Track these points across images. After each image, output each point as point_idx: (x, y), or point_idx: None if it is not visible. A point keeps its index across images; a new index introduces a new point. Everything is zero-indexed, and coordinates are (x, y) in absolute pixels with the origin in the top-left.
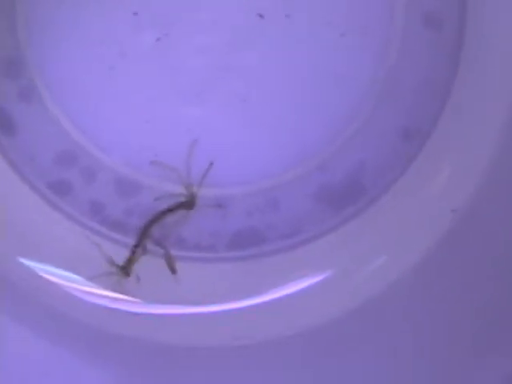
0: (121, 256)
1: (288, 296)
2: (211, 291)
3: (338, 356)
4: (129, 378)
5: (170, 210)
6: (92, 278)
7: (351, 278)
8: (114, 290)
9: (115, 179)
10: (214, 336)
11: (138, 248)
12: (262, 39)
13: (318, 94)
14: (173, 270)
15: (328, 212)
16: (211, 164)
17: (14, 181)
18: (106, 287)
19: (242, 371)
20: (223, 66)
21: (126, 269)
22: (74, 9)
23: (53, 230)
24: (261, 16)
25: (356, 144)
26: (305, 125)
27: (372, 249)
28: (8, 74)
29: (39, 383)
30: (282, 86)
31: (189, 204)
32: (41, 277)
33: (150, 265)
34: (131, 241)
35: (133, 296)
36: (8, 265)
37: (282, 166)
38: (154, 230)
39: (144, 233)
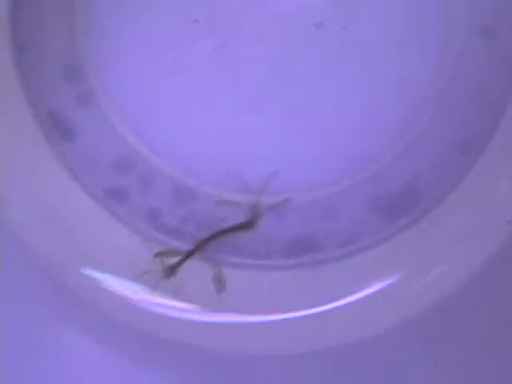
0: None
1: (345, 304)
2: (267, 299)
3: (397, 364)
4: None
5: (232, 230)
6: (137, 277)
7: (407, 287)
8: (171, 298)
9: (172, 186)
10: (269, 344)
11: (190, 256)
12: (320, 49)
13: (375, 105)
14: (220, 288)
15: (383, 221)
16: (275, 172)
17: (71, 187)
18: (164, 295)
19: (298, 380)
20: (281, 74)
21: (173, 269)
22: (134, 15)
23: (110, 237)
24: (318, 26)
25: (412, 154)
26: (362, 134)
27: (428, 258)
28: (67, 79)
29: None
30: (339, 96)
31: (251, 224)
32: (100, 286)
33: (205, 272)
34: (187, 247)
35: (190, 303)
36: (67, 273)
37: (338, 175)
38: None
39: (200, 247)
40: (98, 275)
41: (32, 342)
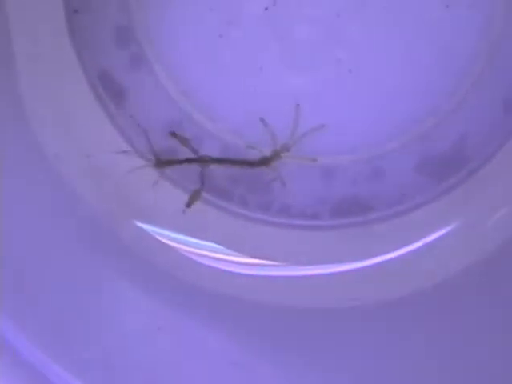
0: (225, 223)
1: (394, 259)
2: (317, 256)
3: (450, 316)
4: (238, 337)
5: (246, 163)
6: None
7: (454, 243)
8: (226, 253)
9: (221, 147)
10: (321, 298)
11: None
12: (368, 10)
13: (422, 66)
14: (188, 204)
15: (430, 182)
16: (322, 126)
17: (123, 148)
18: (217, 250)
19: (350, 333)
20: (330, 36)
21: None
22: None
23: (163, 196)
24: None
25: (458, 116)
26: (409, 96)
27: (475, 217)
28: (118, 42)
29: (153, 337)
30: (387, 57)
31: (267, 161)
32: (155, 239)
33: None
34: (237, 209)
35: (241, 257)
36: (124, 228)
37: (386, 136)
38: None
39: (205, 161)
40: (154, 229)
41: (85, 293)
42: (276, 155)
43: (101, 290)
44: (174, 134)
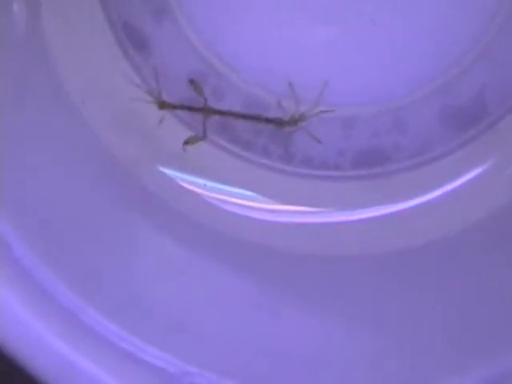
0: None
1: (416, 207)
2: (338, 204)
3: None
4: (262, 282)
5: (266, 121)
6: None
7: (473, 192)
8: (249, 199)
9: (243, 99)
10: (342, 245)
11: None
12: None
13: (443, 17)
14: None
15: (451, 133)
16: (326, 82)
17: (146, 98)
18: (242, 197)
19: (371, 280)
20: None
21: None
22: None
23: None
24: None
25: (479, 66)
26: (430, 47)
27: (495, 166)
28: None
29: (175, 280)
30: (409, 8)
31: (287, 123)
32: (179, 185)
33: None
34: (259, 159)
35: (264, 203)
36: (148, 174)
37: (407, 87)
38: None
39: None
40: (178, 175)
41: (109, 236)
42: (301, 118)
43: (124, 234)
44: (192, 81)
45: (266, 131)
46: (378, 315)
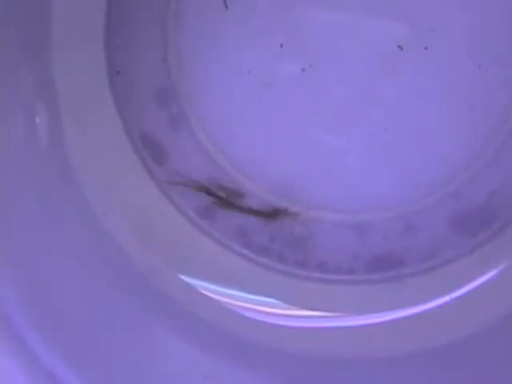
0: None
1: (428, 312)
2: (351, 308)
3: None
4: None
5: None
6: None
7: (487, 297)
8: (265, 305)
9: (258, 205)
10: (356, 348)
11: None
12: (402, 70)
13: (453, 124)
14: None
15: (463, 237)
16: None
17: (165, 205)
18: (259, 302)
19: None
20: (364, 96)
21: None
22: (224, 41)
23: (203, 251)
24: (401, 48)
25: (489, 171)
26: (441, 153)
27: (506, 271)
28: (159, 102)
29: None
30: (419, 116)
31: (266, 214)
32: (199, 293)
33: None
34: (276, 265)
35: (283, 310)
36: (169, 282)
37: (418, 193)
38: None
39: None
40: (193, 281)
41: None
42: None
43: (148, 342)
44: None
45: (281, 235)
46: None
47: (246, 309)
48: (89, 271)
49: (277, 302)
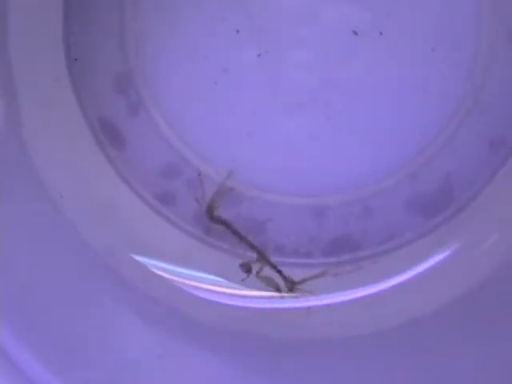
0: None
1: (385, 292)
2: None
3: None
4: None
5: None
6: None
7: (441, 277)
8: (220, 285)
9: (215, 188)
10: (312, 329)
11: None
12: (357, 55)
13: (408, 107)
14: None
15: (419, 220)
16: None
17: (121, 189)
18: (213, 283)
19: (343, 361)
20: (320, 80)
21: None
22: (180, 27)
23: (160, 235)
24: (355, 33)
25: (445, 154)
26: (396, 137)
27: (461, 250)
28: (117, 88)
29: (153, 365)
30: (374, 100)
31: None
32: (153, 273)
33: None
34: (233, 248)
35: (238, 290)
36: (121, 260)
37: (375, 176)
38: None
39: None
40: (147, 261)
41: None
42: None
43: (102, 320)
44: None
45: (239, 221)
46: None
47: (201, 289)
48: (44, 252)
49: (232, 283)
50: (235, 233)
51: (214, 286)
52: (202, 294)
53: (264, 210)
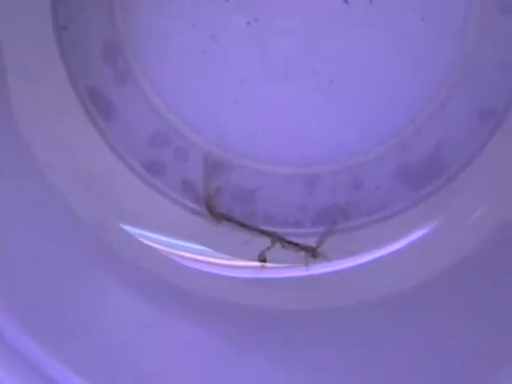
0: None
1: (373, 262)
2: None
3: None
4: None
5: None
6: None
7: (431, 247)
8: (209, 255)
9: (205, 158)
10: (305, 299)
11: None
12: (347, 23)
13: (398, 76)
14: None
15: (408, 190)
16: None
17: (110, 159)
18: (202, 252)
19: (335, 333)
20: (309, 48)
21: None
22: None
23: (148, 205)
24: (346, 1)
25: (435, 124)
26: (386, 106)
27: (451, 220)
28: (105, 57)
29: (141, 334)
30: (364, 69)
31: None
32: (141, 242)
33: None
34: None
35: (227, 260)
36: (109, 230)
37: (364, 146)
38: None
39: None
40: (138, 232)
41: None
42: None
43: (92, 291)
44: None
45: (227, 189)
46: (337, 368)
47: (189, 259)
48: (32, 222)
49: (220, 252)
50: (242, 225)
51: (203, 255)
52: (191, 264)
53: (253, 178)
